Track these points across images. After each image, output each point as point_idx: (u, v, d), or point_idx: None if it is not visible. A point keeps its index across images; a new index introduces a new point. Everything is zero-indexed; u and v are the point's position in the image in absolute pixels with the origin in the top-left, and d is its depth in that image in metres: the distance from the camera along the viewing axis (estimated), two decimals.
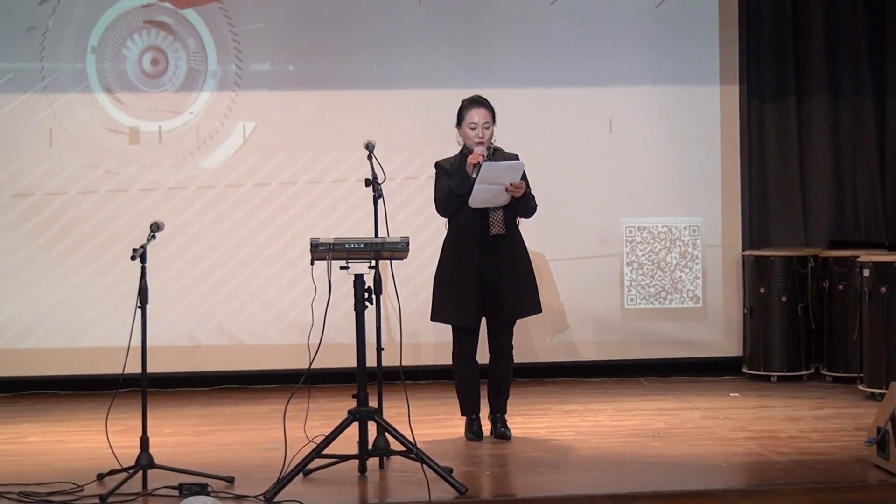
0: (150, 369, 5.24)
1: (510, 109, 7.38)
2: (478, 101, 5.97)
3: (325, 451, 5.18)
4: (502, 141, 6.10)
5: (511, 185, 5.76)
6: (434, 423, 6.52)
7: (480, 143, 5.88)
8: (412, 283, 7.70)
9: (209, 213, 7.80)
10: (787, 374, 7.83)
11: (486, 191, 5.73)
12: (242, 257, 7.82)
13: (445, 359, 6.21)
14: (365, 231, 7.06)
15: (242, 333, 7.84)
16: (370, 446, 5.29)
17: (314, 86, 7.85)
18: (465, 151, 5.95)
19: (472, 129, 5.92)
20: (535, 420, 6.62)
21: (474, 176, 5.74)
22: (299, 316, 7.69)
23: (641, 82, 8.04)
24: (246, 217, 7.82)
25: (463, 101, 6.01)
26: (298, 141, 7.85)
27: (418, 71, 7.90)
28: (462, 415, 6.14)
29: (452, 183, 5.86)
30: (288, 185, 7.83)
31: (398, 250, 5.25)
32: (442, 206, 5.94)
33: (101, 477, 5.21)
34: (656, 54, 8.06)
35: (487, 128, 5.92)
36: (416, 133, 7.83)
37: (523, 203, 5.89)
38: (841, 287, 7.65)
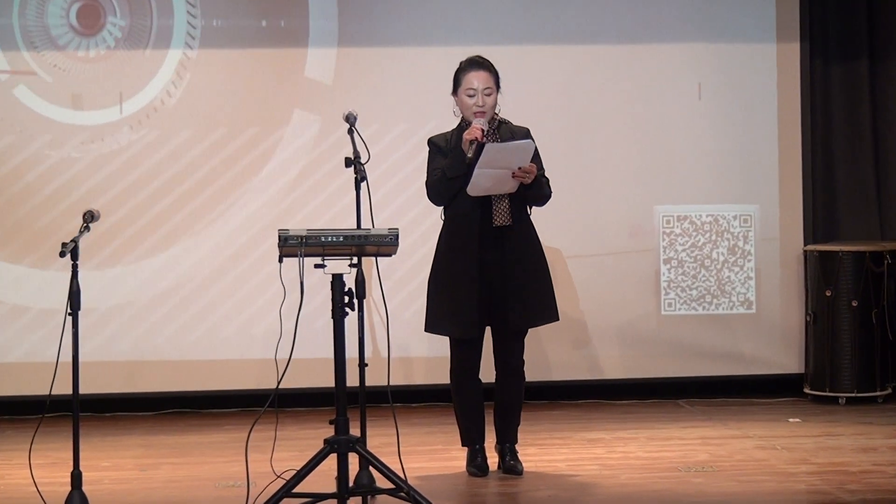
0: (83, 390, 5.25)
1: (517, 72, 7.42)
2: (477, 63, 5.98)
3: (297, 490, 5.19)
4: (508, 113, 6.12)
5: (519, 168, 5.76)
6: (429, 454, 6.55)
7: (480, 114, 5.89)
8: (402, 285, 7.71)
9: (158, 200, 7.80)
10: (859, 394, 7.85)
11: (489, 176, 5.71)
12: (195, 253, 7.83)
13: (442, 377, 6.23)
14: (345, 222, 7.08)
15: (195, 346, 7.84)
16: (351, 483, 5.31)
17: (283, 43, 7.86)
18: (464, 125, 5.96)
19: (471, 96, 5.93)
20: (551, 451, 6.65)
21: (470, 155, 5.74)
22: (265, 325, 7.70)
23: (679, 39, 8.05)
24: (202, 205, 7.82)
25: (460, 64, 6.02)
26: (266, 111, 7.85)
27: (415, 25, 7.90)
28: (463, 445, 6.16)
29: (445, 164, 5.88)
30: (253, 166, 7.83)
31: (385, 244, 5.25)
32: (433, 191, 5.95)
33: None
34: (698, 4, 8.07)
35: (489, 94, 5.93)
36: (413, 102, 7.85)
37: (534, 190, 5.90)
38: None
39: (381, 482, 5.30)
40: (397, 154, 7.84)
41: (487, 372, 6.10)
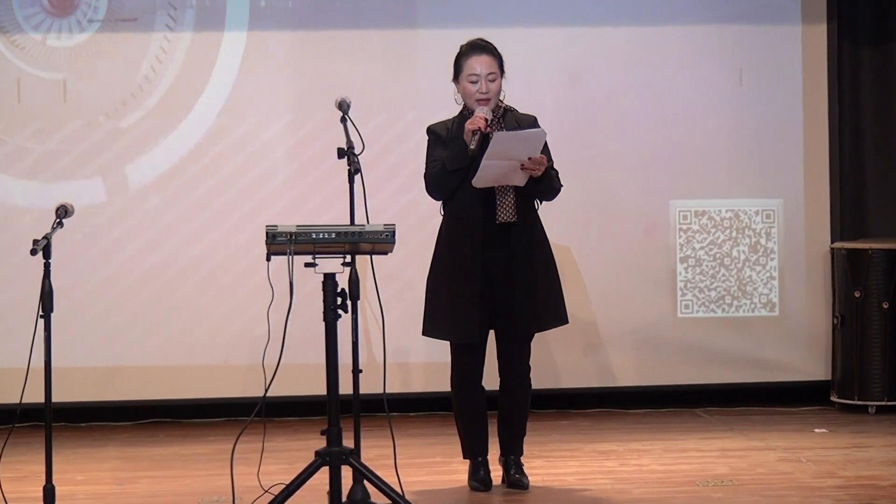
0: (56, 398, 5.25)
1: (524, 56, 7.42)
2: (479, 47, 5.98)
3: None
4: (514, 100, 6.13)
5: (529, 159, 5.76)
6: (428, 467, 6.55)
7: (483, 101, 5.89)
8: (400, 285, 7.71)
9: (136, 195, 7.80)
10: (889, 403, 7.85)
11: (496, 168, 5.71)
12: (176, 251, 7.83)
13: (442, 384, 6.23)
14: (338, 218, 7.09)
15: (176, 351, 7.84)
16: (344, 498, 5.31)
17: (272, 25, 7.86)
18: (465, 112, 5.97)
19: (473, 82, 5.92)
20: (559, 464, 6.65)
21: (473, 146, 5.73)
22: (251, 328, 7.70)
23: (695, 20, 8.06)
24: (183, 200, 7.82)
25: (461, 48, 6.02)
26: (249, 100, 7.86)
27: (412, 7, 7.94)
28: (465, 457, 6.16)
29: (446, 155, 5.88)
30: (237, 158, 7.84)
31: (381, 241, 5.26)
32: (433, 184, 5.94)
33: None
34: None
35: (493, 80, 5.93)
36: (415, 90, 7.86)
37: (544, 183, 5.90)
38: None
39: (377, 497, 5.31)
40: (402, 147, 7.84)
41: (491, 379, 6.10)
